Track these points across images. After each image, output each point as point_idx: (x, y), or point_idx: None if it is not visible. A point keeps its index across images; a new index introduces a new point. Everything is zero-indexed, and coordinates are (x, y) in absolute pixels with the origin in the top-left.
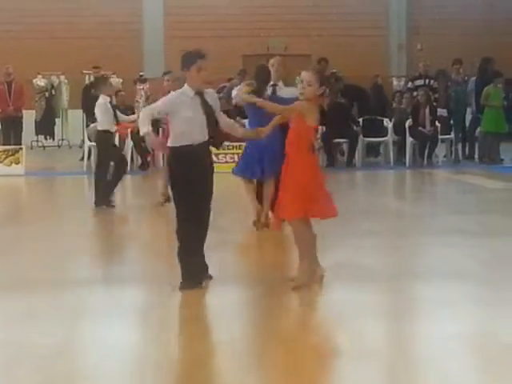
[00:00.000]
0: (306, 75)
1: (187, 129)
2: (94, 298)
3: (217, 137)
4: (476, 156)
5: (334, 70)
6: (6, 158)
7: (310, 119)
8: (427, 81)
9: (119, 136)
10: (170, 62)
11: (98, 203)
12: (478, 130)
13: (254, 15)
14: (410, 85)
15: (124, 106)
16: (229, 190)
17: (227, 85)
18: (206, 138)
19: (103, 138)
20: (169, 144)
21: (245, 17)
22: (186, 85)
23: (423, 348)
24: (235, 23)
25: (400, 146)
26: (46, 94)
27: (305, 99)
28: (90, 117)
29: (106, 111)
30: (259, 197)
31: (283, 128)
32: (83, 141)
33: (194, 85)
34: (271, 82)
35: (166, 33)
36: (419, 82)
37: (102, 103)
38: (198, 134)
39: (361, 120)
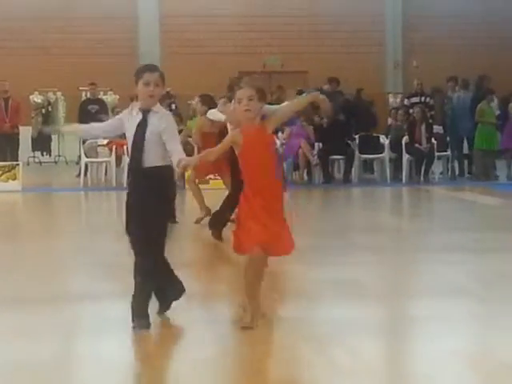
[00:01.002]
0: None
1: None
2: (89, 315)
3: (132, 166)
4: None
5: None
6: (2, 174)
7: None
8: (423, 98)
9: (116, 153)
10: (166, 79)
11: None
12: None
13: (250, 32)
14: (405, 102)
15: None
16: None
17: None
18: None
19: None
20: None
21: (241, 34)
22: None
23: (420, 365)
24: (231, 40)
25: (396, 163)
26: (43, 110)
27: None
28: None
29: None
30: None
31: None
32: (80, 157)
33: (141, 101)
34: None
35: (162, 50)
36: (415, 100)
37: None
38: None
39: (357, 137)
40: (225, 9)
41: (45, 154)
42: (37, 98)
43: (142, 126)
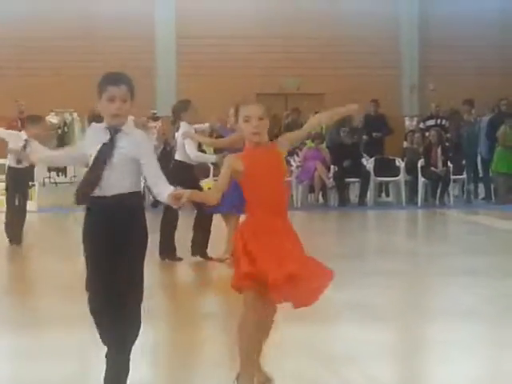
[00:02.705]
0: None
1: None
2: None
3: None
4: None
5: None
6: None
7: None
8: (439, 121)
9: None
10: (182, 99)
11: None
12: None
13: (267, 54)
14: (421, 125)
15: None
16: None
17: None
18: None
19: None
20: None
21: (258, 55)
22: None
23: None
24: (248, 62)
25: (412, 186)
26: (59, 131)
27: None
28: None
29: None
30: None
31: None
32: None
33: (106, 118)
34: None
35: (179, 71)
36: (431, 122)
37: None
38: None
39: (372, 159)
40: (241, 30)
41: (60, 174)
42: (53, 119)
43: (108, 147)
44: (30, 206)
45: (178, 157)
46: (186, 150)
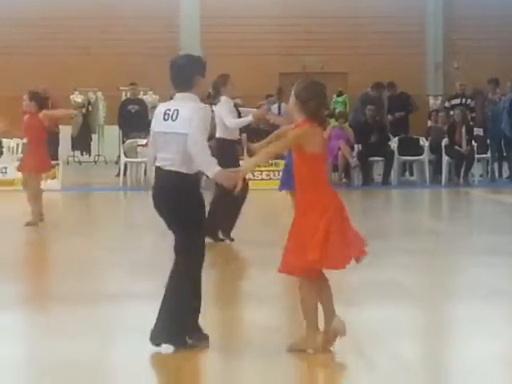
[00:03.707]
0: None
1: None
2: (127, 313)
3: None
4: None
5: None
6: None
7: (310, 146)
8: (464, 100)
9: None
10: (206, 79)
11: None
12: None
13: (290, 33)
14: (446, 104)
15: None
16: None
17: (265, 102)
18: None
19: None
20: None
21: (281, 35)
22: (191, 95)
23: (459, 367)
24: (272, 41)
25: (436, 165)
26: (83, 109)
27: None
28: (126, 133)
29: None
30: None
31: None
32: (119, 157)
33: (200, 95)
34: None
35: (203, 50)
36: (456, 101)
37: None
38: None
39: (396, 139)
40: (264, 9)
41: (84, 153)
42: (77, 98)
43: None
44: (54, 184)
45: (219, 134)
46: (225, 121)
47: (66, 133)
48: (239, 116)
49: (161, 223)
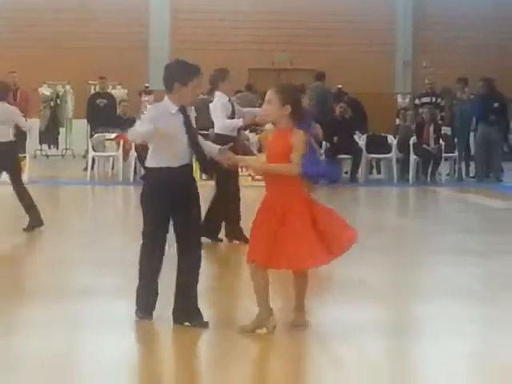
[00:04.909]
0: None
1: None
2: (93, 309)
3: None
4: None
5: (340, 86)
6: None
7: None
8: (434, 98)
9: (123, 147)
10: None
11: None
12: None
13: (260, 29)
14: (416, 101)
15: (127, 117)
16: None
17: (234, 98)
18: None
19: None
20: (148, 164)
21: (251, 30)
22: (166, 98)
23: (424, 365)
24: (241, 37)
25: (403, 163)
26: (51, 103)
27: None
28: (95, 127)
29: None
30: None
31: None
32: (87, 151)
33: (184, 101)
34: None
35: (172, 45)
36: (426, 99)
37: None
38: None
39: (364, 136)
40: (235, 5)
41: (52, 146)
42: (45, 91)
43: (189, 124)
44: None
45: (216, 130)
46: (215, 121)
47: (33, 126)
48: (233, 112)
49: (128, 218)
